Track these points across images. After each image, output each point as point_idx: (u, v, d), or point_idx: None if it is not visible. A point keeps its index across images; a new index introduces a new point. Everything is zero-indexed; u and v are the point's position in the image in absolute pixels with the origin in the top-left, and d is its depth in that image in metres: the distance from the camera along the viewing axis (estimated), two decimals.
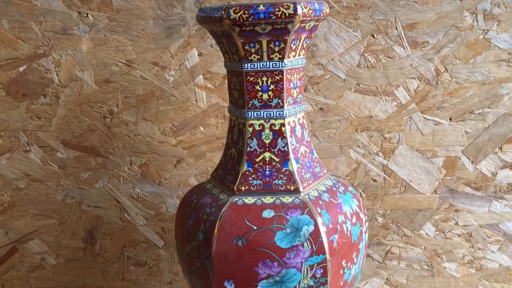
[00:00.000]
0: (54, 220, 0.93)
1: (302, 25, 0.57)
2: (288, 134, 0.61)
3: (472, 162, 0.88)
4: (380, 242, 0.92)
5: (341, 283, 0.60)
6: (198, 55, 0.87)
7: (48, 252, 0.94)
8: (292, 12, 0.54)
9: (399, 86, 0.86)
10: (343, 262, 0.60)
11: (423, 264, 0.92)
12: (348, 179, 0.90)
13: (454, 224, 0.90)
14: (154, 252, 0.94)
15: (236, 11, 0.55)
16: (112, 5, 0.85)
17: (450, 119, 0.87)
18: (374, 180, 0.90)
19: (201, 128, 0.89)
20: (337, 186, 0.65)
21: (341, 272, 0.59)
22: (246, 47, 0.58)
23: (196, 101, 0.88)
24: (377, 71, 0.86)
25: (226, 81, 0.86)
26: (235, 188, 0.61)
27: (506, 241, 0.89)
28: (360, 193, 0.90)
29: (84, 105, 0.89)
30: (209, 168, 0.91)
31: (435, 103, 0.87)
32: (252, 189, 0.60)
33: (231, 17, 0.55)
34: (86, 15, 0.86)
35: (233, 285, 0.57)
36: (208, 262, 0.58)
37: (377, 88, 0.87)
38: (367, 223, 0.66)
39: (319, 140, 0.89)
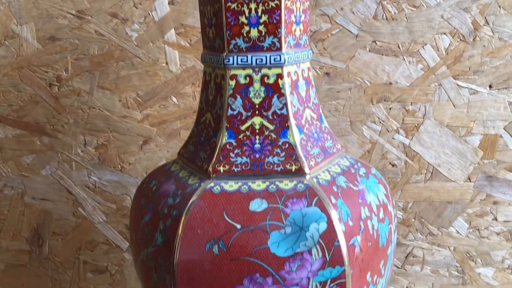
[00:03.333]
0: None
1: None
2: (287, 90, 0.42)
3: None
4: (400, 242, 0.73)
5: None
6: (169, 3, 0.68)
7: None
8: None
9: (426, 44, 0.68)
10: (368, 275, 0.41)
11: (453, 269, 0.74)
12: None
13: (492, 219, 0.72)
14: (117, 256, 0.76)
15: None
16: None
17: (490, 86, 0.69)
18: (393, 165, 0.71)
19: (174, 99, 0.70)
20: (356, 167, 0.46)
21: None
22: None
23: (166, 63, 0.69)
24: (399, 25, 0.67)
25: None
26: (210, 168, 0.42)
27: None
28: None
29: (24, 70, 0.70)
30: None
31: (471, 66, 0.68)
32: (235, 169, 0.42)
33: None
34: None
35: None
36: (169, 277, 0.39)
37: (398, 46, 0.68)
38: (396, 219, 0.48)
39: (323, 114, 0.70)
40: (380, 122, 0.71)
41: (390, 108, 0.70)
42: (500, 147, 0.71)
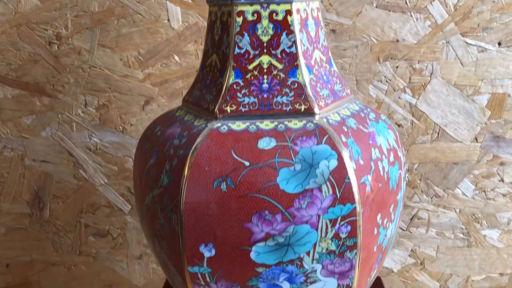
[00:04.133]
0: None
1: None
2: (296, 28, 0.41)
3: None
4: (405, 204, 0.73)
5: (375, 249, 0.41)
6: None
7: None
8: None
9: None
10: (378, 217, 0.40)
11: (458, 231, 0.73)
12: None
13: (499, 180, 0.72)
14: (119, 219, 0.75)
15: None
16: None
17: (499, 43, 0.67)
18: (399, 125, 0.70)
19: (176, 58, 0.69)
20: (365, 112, 0.45)
21: (376, 232, 0.40)
22: None
23: (168, 20, 0.68)
24: None
25: None
26: (216, 109, 0.41)
27: None
28: None
29: (23, 27, 0.68)
30: None
31: (480, 23, 0.67)
32: (243, 109, 0.40)
33: None
34: None
35: (213, 251, 0.37)
36: (176, 217, 0.38)
37: (405, 2, 0.67)
38: (405, 166, 0.47)
39: None
40: (386, 81, 0.69)
41: (397, 67, 0.69)
42: (508, 107, 0.70)
